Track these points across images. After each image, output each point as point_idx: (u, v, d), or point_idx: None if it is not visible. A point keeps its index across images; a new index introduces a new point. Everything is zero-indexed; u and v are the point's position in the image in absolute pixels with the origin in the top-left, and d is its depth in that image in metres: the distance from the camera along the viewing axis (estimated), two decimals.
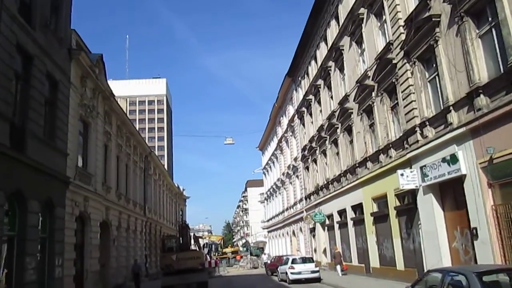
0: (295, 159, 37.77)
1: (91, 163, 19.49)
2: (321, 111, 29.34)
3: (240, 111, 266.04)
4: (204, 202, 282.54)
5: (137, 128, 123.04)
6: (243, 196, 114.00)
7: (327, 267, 27.46)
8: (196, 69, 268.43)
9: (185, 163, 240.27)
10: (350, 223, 23.36)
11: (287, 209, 42.96)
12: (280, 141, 45.21)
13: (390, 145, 17.84)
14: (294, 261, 22.01)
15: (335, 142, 26.07)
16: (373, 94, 19.49)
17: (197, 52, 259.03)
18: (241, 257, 53.94)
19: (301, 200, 35.99)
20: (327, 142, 27.47)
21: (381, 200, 19.35)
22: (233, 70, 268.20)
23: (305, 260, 22.28)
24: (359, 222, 22.08)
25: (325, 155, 28.50)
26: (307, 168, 33.66)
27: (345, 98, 23.34)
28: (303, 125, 34.61)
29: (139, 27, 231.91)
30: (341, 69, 24.62)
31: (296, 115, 36.32)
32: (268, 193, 56.77)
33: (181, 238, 24.83)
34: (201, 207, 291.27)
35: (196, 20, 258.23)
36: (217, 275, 33.58)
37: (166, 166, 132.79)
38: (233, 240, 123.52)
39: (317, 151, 30.00)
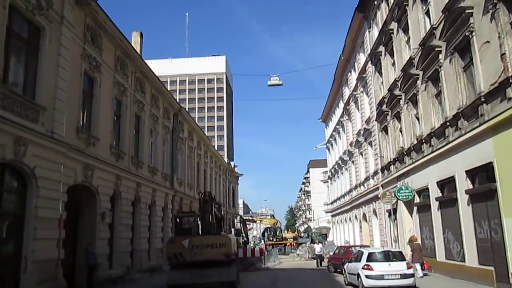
0: (367, 121, 28.95)
1: (45, 89, 12.34)
2: (408, 41, 20.40)
3: (303, 95, 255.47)
4: (268, 187, 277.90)
5: (196, 107, 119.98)
6: (305, 178, 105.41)
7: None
8: (256, 52, 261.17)
9: (248, 148, 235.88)
10: (462, 200, 14.46)
11: (355, 188, 34.30)
12: (347, 103, 36.31)
13: None
14: (371, 257, 13.44)
15: (434, 78, 17.15)
16: None
17: (258, 34, 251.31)
18: (291, 244, 45.97)
19: (375, 173, 27.22)
20: (419, 81, 18.58)
21: None
22: (296, 54, 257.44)
23: (388, 255, 13.65)
24: (482, 196, 13.19)
25: (414, 103, 19.65)
26: (384, 129, 24.80)
27: None
28: (379, 72, 25.67)
29: (199, 6, 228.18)
30: None
31: (370, 62, 27.32)
32: (333, 170, 48.14)
33: (203, 216, 17.25)
34: (264, 192, 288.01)
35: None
36: (263, 267, 25.83)
37: (225, 147, 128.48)
38: (296, 225, 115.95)
39: (402, 100, 21.10)
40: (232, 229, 51.06)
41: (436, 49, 16.20)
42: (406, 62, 19.94)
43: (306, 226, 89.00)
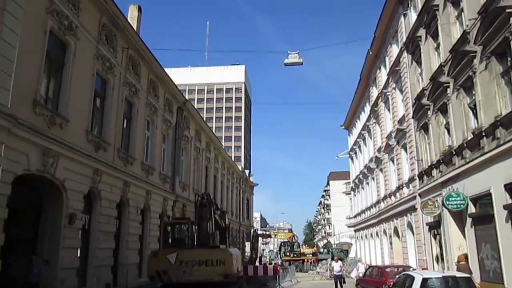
0: (401, 121, 25.15)
1: None
2: (459, 14, 16.77)
3: (322, 108, 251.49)
4: (286, 201, 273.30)
5: (214, 117, 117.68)
6: (325, 191, 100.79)
7: None
8: (277, 65, 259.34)
9: (266, 162, 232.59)
10: None
11: (384, 198, 30.24)
12: (375, 104, 32.48)
13: None
14: (427, 286, 9.48)
15: (500, 52, 13.41)
16: None
17: (277, 46, 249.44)
18: (309, 260, 42.00)
19: (411, 180, 23.23)
20: (476, 60, 14.79)
21: None
22: (316, 68, 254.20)
23: (451, 283, 9.71)
24: None
25: (468, 89, 15.90)
26: (424, 127, 20.94)
27: None
28: (417, 62, 21.98)
29: (219, 17, 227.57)
30: None
31: (406, 51, 23.63)
32: (356, 181, 44.05)
33: (200, 224, 13.66)
34: (282, 206, 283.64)
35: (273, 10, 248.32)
36: (277, 287, 21.95)
37: (242, 158, 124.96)
38: (315, 240, 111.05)
39: (450, 88, 17.29)
40: (247, 243, 47.21)
41: (507, 10, 12.41)
42: (458, 40, 16.22)
43: (325, 241, 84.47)
